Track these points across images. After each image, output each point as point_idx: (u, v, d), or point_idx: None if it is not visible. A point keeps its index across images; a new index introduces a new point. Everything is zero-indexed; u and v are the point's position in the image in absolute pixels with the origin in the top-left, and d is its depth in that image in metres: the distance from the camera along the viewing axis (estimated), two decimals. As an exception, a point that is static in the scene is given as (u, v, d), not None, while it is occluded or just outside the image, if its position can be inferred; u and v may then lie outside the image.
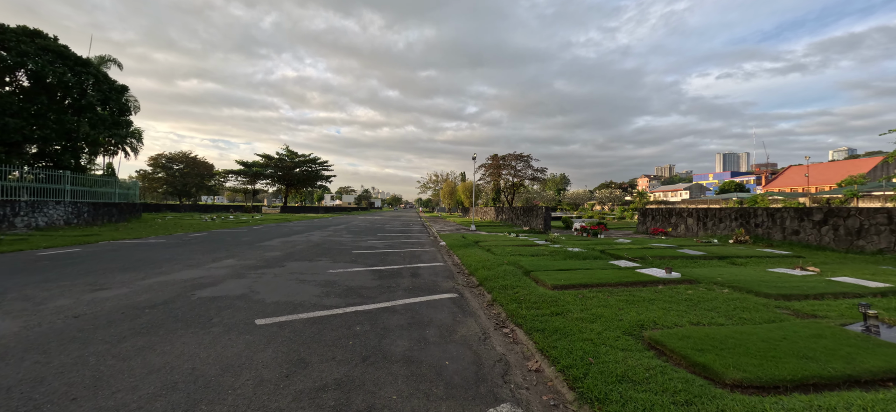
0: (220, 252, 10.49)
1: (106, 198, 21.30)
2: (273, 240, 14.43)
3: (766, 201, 44.21)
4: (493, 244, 12.65)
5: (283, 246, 12.40)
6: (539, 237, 15.83)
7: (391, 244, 13.81)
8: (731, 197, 62.23)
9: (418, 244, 14.10)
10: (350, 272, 7.82)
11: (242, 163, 61.58)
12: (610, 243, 12.82)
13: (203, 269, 7.61)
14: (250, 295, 5.62)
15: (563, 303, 5.16)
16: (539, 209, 21.25)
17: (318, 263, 8.88)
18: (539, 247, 11.56)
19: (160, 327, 4.11)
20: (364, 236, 17.13)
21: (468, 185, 70.36)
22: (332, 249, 11.77)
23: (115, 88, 18.59)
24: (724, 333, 3.89)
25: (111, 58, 20.96)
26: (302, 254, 10.54)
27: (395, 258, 10.09)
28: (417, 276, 7.58)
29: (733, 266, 8.77)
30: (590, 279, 6.63)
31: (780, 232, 13.56)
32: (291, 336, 3.97)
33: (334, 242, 13.99)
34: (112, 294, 5.47)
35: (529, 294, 5.77)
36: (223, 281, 6.56)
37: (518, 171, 53.58)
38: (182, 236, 15.23)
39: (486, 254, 10.18)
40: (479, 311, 5.28)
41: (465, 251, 11.17)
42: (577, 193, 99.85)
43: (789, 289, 5.97)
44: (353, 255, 10.41)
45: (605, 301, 5.31)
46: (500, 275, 7.19)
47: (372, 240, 15.03)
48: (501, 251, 10.73)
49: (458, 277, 7.73)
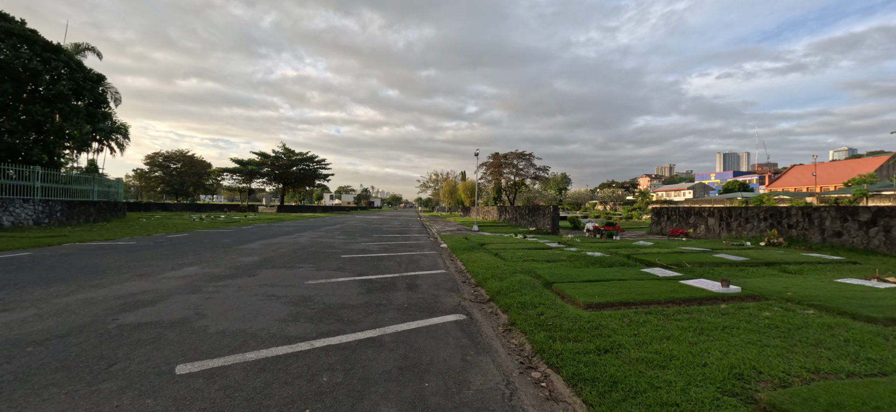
0: (188, 256, 9.14)
1: (83, 196, 19.93)
2: (256, 241, 13.07)
3: (772, 200, 42.92)
4: (500, 247, 11.31)
5: (265, 249, 11.05)
6: (549, 238, 14.49)
7: (386, 247, 12.46)
8: (735, 196, 60.94)
9: (417, 246, 12.76)
10: (333, 283, 6.47)
11: (238, 161, 60.01)
12: (632, 246, 11.48)
13: (152, 281, 6.26)
14: (192, 320, 4.26)
15: (609, 332, 3.82)
16: (546, 208, 19.89)
17: (297, 271, 7.53)
18: (553, 251, 10.21)
19: (23, 382, 2.76)
20: (358, 237, 15.78)
21: (468, 184, 68.99)
22: (319, 253, 10.42)
23: (90, 78, 17.22)
24: (874, 394, 2.55)
25: (88, 46, 19.59)
26: (282, 258, 9.19)
27: (389, 264, 8.74)
28: (415, 288, 6.23)
29: (788, 275, 7.42)
30: (629, 294, 5.28)
31: (818, 233, 12.21)
32: (219, 399, 2.62)
33: (323, 245, 12.63)
34: (6, 320, 4.11)
35: (559, 316, 4.44)
36: (168, 297, 5.21)
37: (520, 169, 52.26)
38: (158, 237, 13.87)
39: (495, 260, 8.84)
40: (495, 342, 3.94)
41: (470, 255, 9.83)
42: (578, 193, 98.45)
43: (892, 311, 4.63)
44: (342, 261, 9.06)
45: (663, 328, 3.97)
46: (515, 288, 5.86)
47: (366, 242, 13.69)
48: (511, 255, 9.39)
49: (463, 289, 6.39)
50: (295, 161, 62.06)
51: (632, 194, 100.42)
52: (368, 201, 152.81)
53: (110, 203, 22.19)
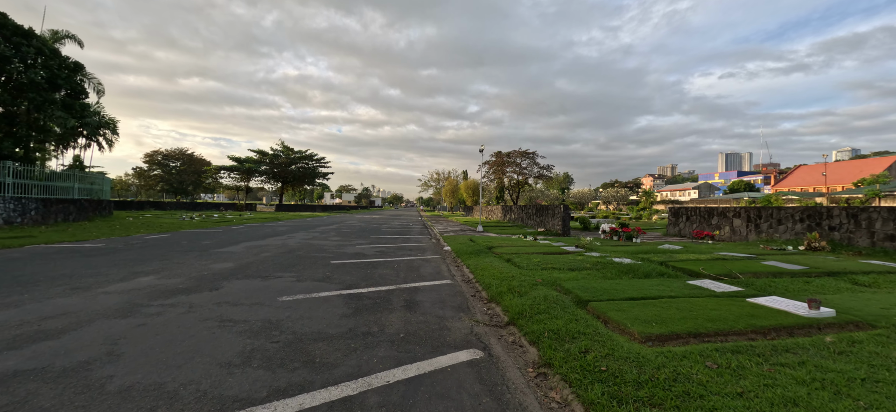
0: (152, 262, 7.90)
1: (63, 193, 18.74)
2: (240, 244, 11.84)
3: (780, 201, 41.51)
4: (510, 250, 10.06)
5: (246, 253, 9.81)
6: (562, 241, 13.22)
7: (384, 250, 11.22)
8: (741, 196, 59.50)
9: (418, 249, 11.52)
10: (313, 300, 5.23)
11: (235, 159, 58.67)
12: (660, 250, 10.21)
13: (84, 297, 5.01)
14: (97, 364, 3.01)
15: (700, 390, 2.58)
16: (555, 208, 18.59)
17: (274, 282, 6.28)
18: (572, 257, 8.94)
19: None
20: (354, 239, 14.54)
21: (470, 183, 67.72)
22: (306, 258, 9.17)
23: (67, 66, 16.00)
24: None
25: (68, 33, 18.30)
26: (262, 265, 7.95)
27: (385, 273, 7.50)
28: (414, 307, 4.98)
29: (865, 289, 6.14)
30: (695, 321, 4.01)
31: (866, 237, 10.92)
32: None
33: (313, 248, 11.39)
34: None
35: (612, 354, 3.19)
36: (87, 323, 3.96)
37: (523, 168, 50.93)
38: (133, 239, 12.66)
39: (508, 267, 7.58)
40: (528, 399, 2.69)
41: (478, 261, 8.59)
42: (582, 192, 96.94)
43: None
44: (330, 268, 7.81)
45: (773, 381, 2.72)
46: (540, 306, 4.62)
47: (361, 245, 12.45)
48: (526, 261, 8.12)
49: (474, 307, 5.15)
50: (293, 159, 60.77)
51: (635, 194, 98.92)
52: (369, 200, 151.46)
53: (94, 201, 20.99)
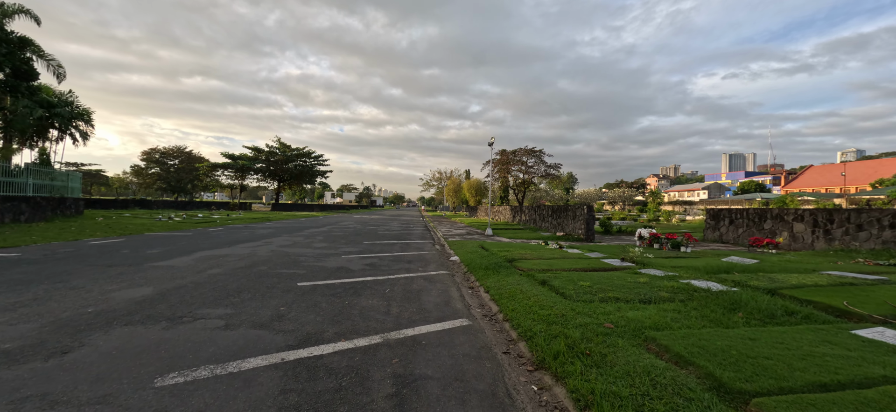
0: (31, 288, 5.54)
1: (15, 190, 16.45)
2: (194, 254, 9.48)
3: (795, 201, 38.98)
4: (539, 265, 7.68)
5: (190, 269, 7.45)
6: (595, 250, 10.83)
7: (376, 263, 8.86)
8: (754, 197, 56.86)
9: (419, 260, 9.15)
10: (222, 382, 2.87)
11: (228, 156, 56.11)
12: (734, 267, 7.78)
13: None
14: None
15: None
16: (577, 209, 16.14)
17: (182, 331, 3.92)
18: (629, 276, 6.53)
19: None
20: (342, 245, 12.18)
21: (473, 183, 65.41)
22: (267, 277, 6.80)
23: (8, 39, 13.67)
24: None
25: (21, 7, 15.87)
26: (192, 293, 5.58)
27: (370, 306, 5.13)
28: (409, 400, 2.61)
29: None
30: None
31: None
32: None
33: (286, 259, 9.03)
34: None
35: None
36: None
37: (530, 167, 48.49)
38: (69, 246, 10.32)
39: (547, 295, 5.20)
40: None
41: (500, 281, 6.22)
42: (587, 192, 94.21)
43: None
44: (291, 297, 5.44)
45: None
46: (642, 391, 2.28)
47: (349, 254, 10.10)
48: (571, 286, 5.69)
49: (518, 389, 2.77)
50: (290, 157, 58.29)
51: (641, 194, 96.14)
52: (370, 200, 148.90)
53: (55, 199, 18.68)
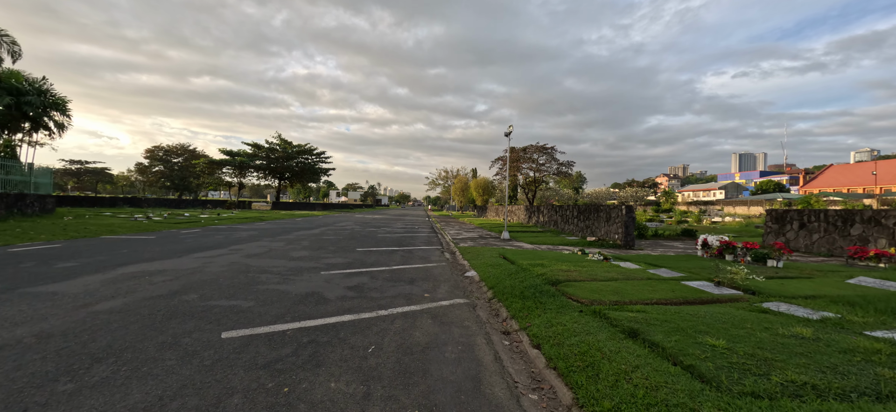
0: None
1: (-40, 185, 14.30)
2: (127, 266, 7.09)
3: (821, 202, 35.81)
4: (601, 291, 5.19)
5: (91, 293, 5.06)
6: (658, 265, 8.28)
7: (364, 285, 6.41)
8: (774, 197, 53.54)
9: (424, 278, 6.70)
10: None
11: (227, 152, 53.87)
12: None
13: None
14: None
15: None
16: (614, 210, 13.48)
17: None
18: (760, 317, 4.03)
19: None
20: (328, 254, 9.76)
21: (481, 182, 62.93)
22: (186, 317, 4.38)
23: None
24: None
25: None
26: (28, 353, 3.20)
27: (331, 399, 2.69)
28: None
29: None
30: None
31: None
32: None
33: (240, 280, 6.61)
34: None
35: None
36: None
37: (541, 164, 45.70)
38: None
39: (660, 368, 2.72)
40: None
41: (555, 325, 3.75)
42: (597, 192, 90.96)
43: None
44: (196, 366, 3.02)
45: None
46: None
47: (332, 269, 7.68)
48: (696, 349, 3.19)
49: None
50: (291, 153, 56.04)
51: (653, 194, 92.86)
52: (375, 199, 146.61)
53: (12, 196, 16.53)
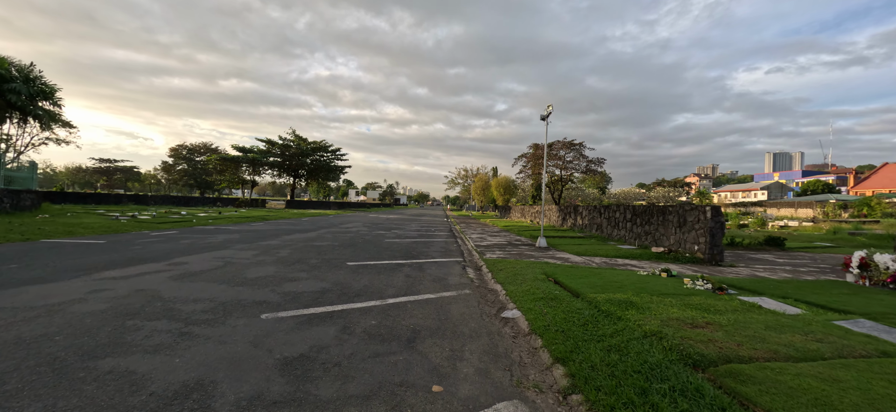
0: None
1: None
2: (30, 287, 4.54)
3: (883, 205, 30.74)
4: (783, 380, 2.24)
5: None
6: (807, 299, 5.20)
7: (316, 356, 3.59)
8: (825, 198, 47.95)
9: (437, 331, 3.82)
10: None
11: (239, 149, 52.37)
12: None
13: None
14: None
15: None
16: (690, 211, 10.15)
17: None
18: None
19: None
20: (302, 274, 7.02)
21: (502, 181, 59.64)
22: None
23: None
24: None
25: None
26: None
27: None
28: None
29: None
30: None
31: None
32: None
33: (105, 332, 3.90)
34: None
35: None
36: None
37: (568, 162, 41.95)
38: None
39: None
40: None
41: None
42: (627, 192, 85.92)
43: None
44: None
45: None
46: None
47: (283, 311, 4.92)
48: None
49: None
50: (306, 150, 54.25)
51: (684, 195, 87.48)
52: (394, 198, 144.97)
53: None
